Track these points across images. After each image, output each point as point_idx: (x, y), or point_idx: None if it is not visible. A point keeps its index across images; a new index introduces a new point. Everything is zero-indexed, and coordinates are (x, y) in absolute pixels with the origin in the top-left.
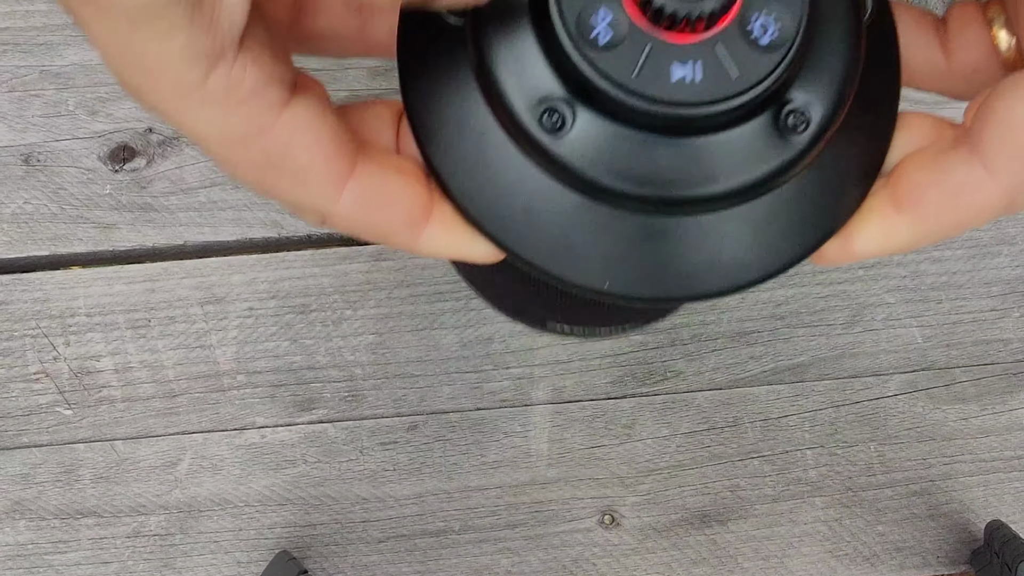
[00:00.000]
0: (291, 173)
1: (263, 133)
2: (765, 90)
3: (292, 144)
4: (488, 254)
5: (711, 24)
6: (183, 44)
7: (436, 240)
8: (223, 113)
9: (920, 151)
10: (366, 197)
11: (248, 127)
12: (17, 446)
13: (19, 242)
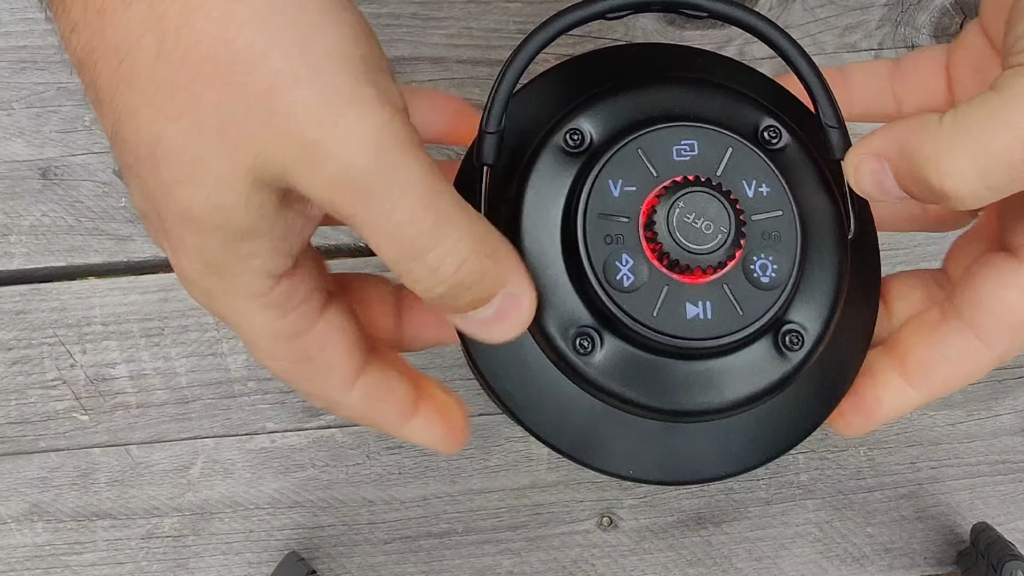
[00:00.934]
0: (320, 368)
1: (305, 334)
2: (767, 323)
3: (326, 344)
4: (453, 446)
5: (719, 268)
6: (264, 262)
7: (418, 432)
8: (278, 317)
9: (918, 320)
10: (371, 393)
11: (295, 328)
12: (35, 450)
13: (37, 253)
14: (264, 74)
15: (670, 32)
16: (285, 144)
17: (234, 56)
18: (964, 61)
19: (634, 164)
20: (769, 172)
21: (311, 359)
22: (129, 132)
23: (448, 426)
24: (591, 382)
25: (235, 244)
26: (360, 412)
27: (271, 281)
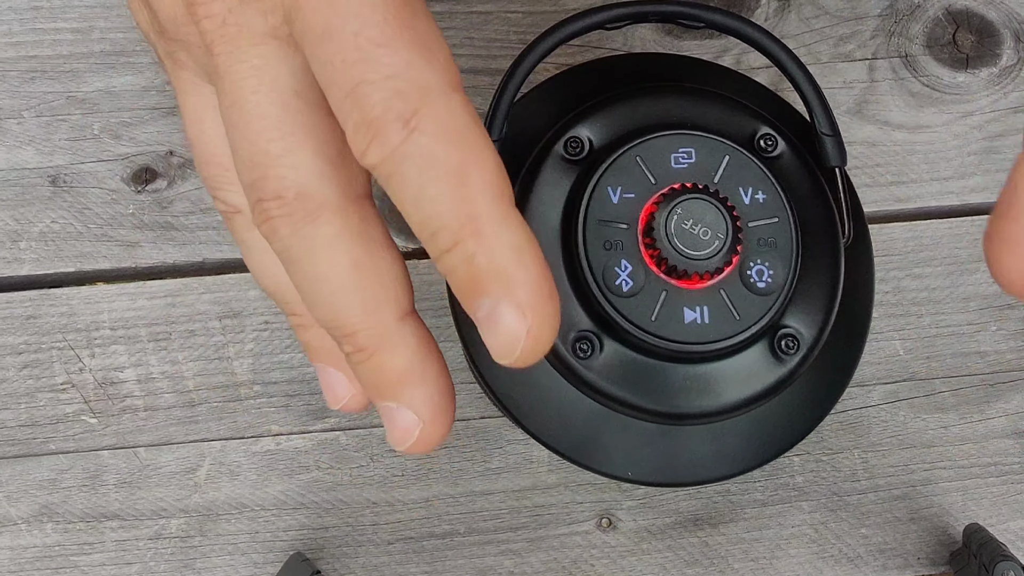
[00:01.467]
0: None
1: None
2: (763, 328)
3: (380, 220)
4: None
5: (716, 274)
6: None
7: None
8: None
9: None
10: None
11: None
12: (45, 452)
13: (47, 259)
14: None
15: (668, 42)
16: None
17: None
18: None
19: (633, 171)
20: (765, 179)
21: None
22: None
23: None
24: (591, 385)
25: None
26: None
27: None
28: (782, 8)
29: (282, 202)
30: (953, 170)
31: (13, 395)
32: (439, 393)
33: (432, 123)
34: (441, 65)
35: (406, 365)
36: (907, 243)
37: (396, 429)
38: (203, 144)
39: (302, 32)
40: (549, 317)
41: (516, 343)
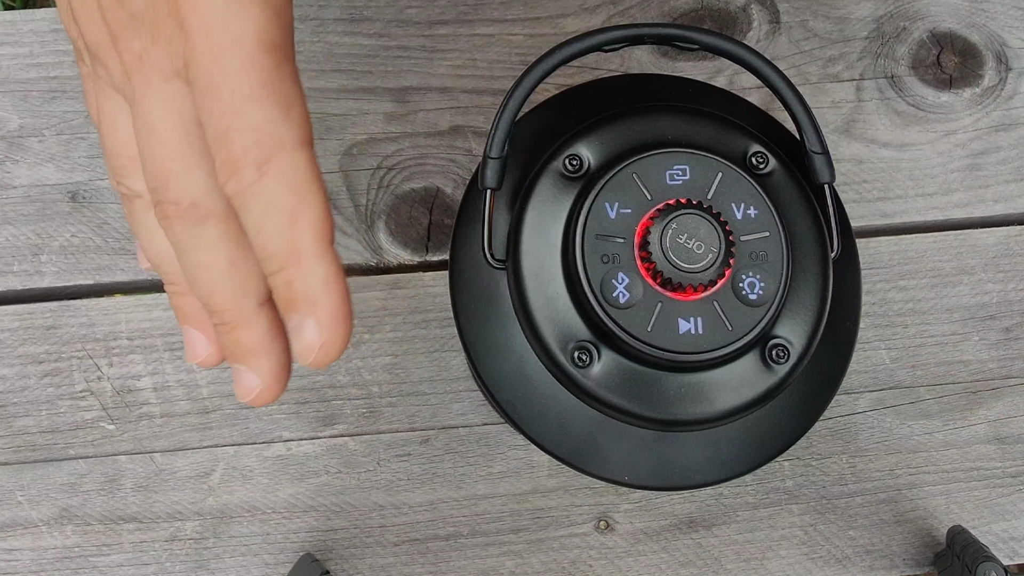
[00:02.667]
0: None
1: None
2: (755, 338)
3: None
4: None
5: (710, 286)
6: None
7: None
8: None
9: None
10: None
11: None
12: (65, 458)
13: (67, 272)
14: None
15: (663, 63)
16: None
17: None
18: None
19: (629, 188)
20: (757, 195)
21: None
22: None
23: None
24: (589, 393)
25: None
26: (303, 171)
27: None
28: (773, 31)
29: (178, 207)
30: (937, 186)
31: (35, 402)
32: (279, 366)
33: (279, 171)
34: (296, 123)
35: (257, 340)
36: (893, 256)
37: (242, 386)
38: (114, 140)
39: (193, 81)
40: (340, 337)
41: (312, 351)
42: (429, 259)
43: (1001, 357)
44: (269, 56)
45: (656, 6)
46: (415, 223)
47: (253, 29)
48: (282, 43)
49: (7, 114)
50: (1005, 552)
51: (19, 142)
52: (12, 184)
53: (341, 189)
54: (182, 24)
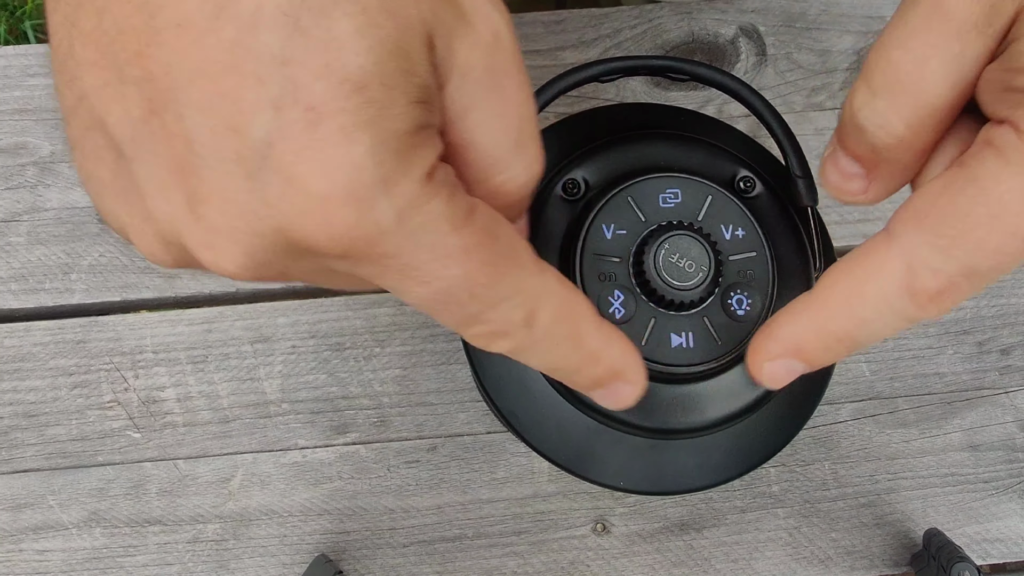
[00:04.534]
0: (507, 246)
1: (476, 208)
2: (743, 352)
3: (496, 216)
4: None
5: (700, 303)
6: (433, 134)
7: (612, 337)
8: (450, 197)
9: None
10: (559, 275)
11: (467, 204)
12: (93, 464)
13: (95, 289)
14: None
15: (656, 93)
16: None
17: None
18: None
19: (625, 210)
20: (745, 217)
21: (497, 236)
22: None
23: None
24: (587, 404)
25: (417, 104)
26: (562, 302)
27: (437, 155)
28: (760, 63)
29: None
30: None
31: (65, 412)
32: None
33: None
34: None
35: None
36: None
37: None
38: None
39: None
40: (643, 383)
41: (625, 402)
42: None
43: (974, 369)
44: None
45: (650, 39)
46: None
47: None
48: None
49: (40, 141)
50: (978, 553)
51: (51, 167)
52: (44, 207)
53: None
54: None
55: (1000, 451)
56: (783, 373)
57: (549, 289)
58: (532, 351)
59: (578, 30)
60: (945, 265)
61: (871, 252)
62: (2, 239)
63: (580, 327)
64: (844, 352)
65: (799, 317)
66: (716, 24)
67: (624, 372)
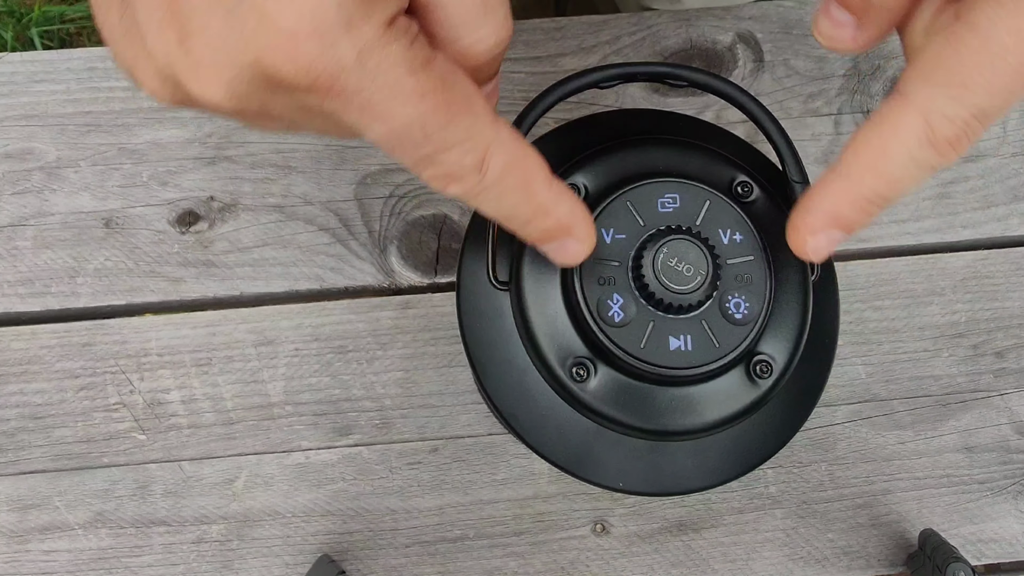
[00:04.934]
0: (463, 96)
1: (434, 58)
2: (740, 354)
3: (453, 67)
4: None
5: (698, 306)
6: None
7: (562, 195)
8: (406, 46)
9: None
10: (513, 131)
11: (424, 54)
12: (99, 466)
13: (101, 293)
14: None
15: (655, 99)
16: None
17: None
18: None
19: (624, 215)
20: (742, 222)
21: (452, 85)
22: None
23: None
24: (586, 406)
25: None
26: (515, 155)
27: (400, 5)
28: (757, 69)
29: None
30: (910, 213)
31: (71, 414)
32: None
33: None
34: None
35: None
36: (868, 279)
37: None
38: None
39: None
40: (591, 239)
41: (574, 257)
42: (438, 281)
43: (969, 372)
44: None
45: (648, 46)
46: (425, 247)
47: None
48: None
49: (46, 146)
50: (973, 553)
51: (57, 172)
52: (51, 211)
53: (356, 216)
54: None
55: (995, 452)
56: (825, 243)
57: (501, 140)
58: (483, 197)
59: (578, 37)
60: (959, 111)
61: (888, 115)
62: (9, 243)
63: (530, 179)
64: (877, 211)
65: (832, 188)
66: (714, 31)
67: (572, 228)
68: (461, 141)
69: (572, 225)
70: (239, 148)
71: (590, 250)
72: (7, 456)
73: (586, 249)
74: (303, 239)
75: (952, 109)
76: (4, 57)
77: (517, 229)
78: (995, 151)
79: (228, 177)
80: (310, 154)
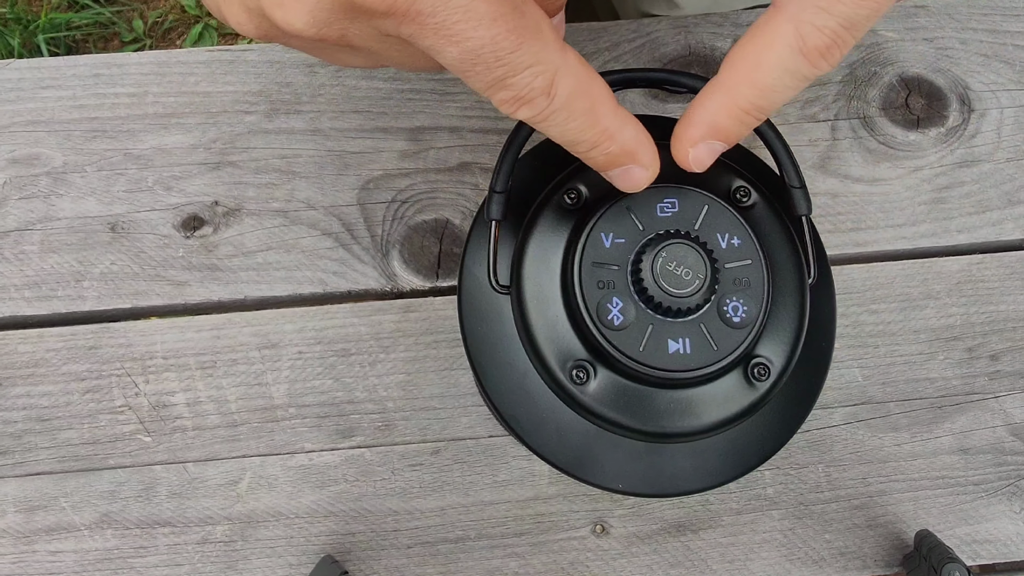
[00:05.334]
0: (533, 21)
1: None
2: (738, 357)
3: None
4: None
5: (696, 310)
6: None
7: (627, 121)
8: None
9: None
10: (580, 58)
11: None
12: (105, 467)
13: (107, 297)
14: None
15: (654, 105)
16: None
17: None
18: None
19: (623, 219)
20: (740, 226)
21: (524, 11)
22: None
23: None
24: (586, 408)
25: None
26: (582, 79)
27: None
28: None
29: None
30: (905, 218)
31: (77, 416)
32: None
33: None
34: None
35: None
36: (865, 282)
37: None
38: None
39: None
40: (656, 164)
41: (639, 183)
42: (439, 285)
43: (964, 375)
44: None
45: (648, 52)
46: (426, 252)
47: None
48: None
49: (52, 152)
50: (968, 554)
51: (63, 178)
52: (57, 216)
53: (359, 220)
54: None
55: (989, 454)
56: (706, 154)
57: (569, 65)
58: (551, 121)
59: (578, 43)
60: (828, 21)
61: (762, 27)
62: (16, 247)
63: (596, 105)
64: (754, 122)
65: (710, 100)
66: (712, 37)
67: (637, 154)
68: (531, 64)
69: (636, 150)
70: (243, 154)
71: (654, 176)
72: (14, 458)
73: (650, 175)
74: (306, 243)
75: (822, 19)
76: (11, 63)
77: (583, 154)
78: (990, 156)
79: (232, 182)
80: (313, 159)
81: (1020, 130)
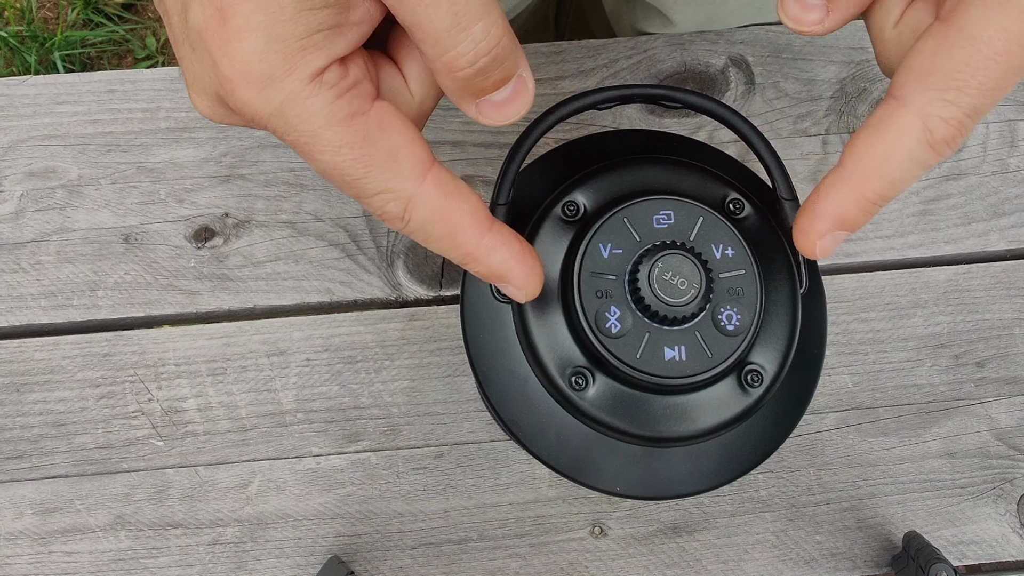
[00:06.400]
0: (387, 152)
1: (363, 114)
2: (732, 364)
3: (386, 125)
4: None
5: (692, 318)
6: (327, 38)
7: (496, 248)
8: (334, 97)
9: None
10: (445, 187)
11: (351, 107)
12: (119, 471)
13: (120, 306)
14: None
15: (651, 120)
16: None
17: None
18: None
19: (621, 231)
20: (734, 237)
21: (375, 141)
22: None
23: (525, 252)
24: (585, 413)
25: (310, 12)
26: (437, 208)
27: (329, 60)
28: (748, 91)
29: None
30: (894, 229)
31: (92, 421)
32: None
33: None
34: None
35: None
36: (855, 292)
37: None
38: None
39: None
40: (537, 281)
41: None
42: (443, 294)
43: (951, 381)
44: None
45: (644, 69)
46: (430, 262)
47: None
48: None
49: (67, 165)
50: (955, 555)
51: (78, 190)
52: (72, 227)
53: (365, 231)
54: None
55: (975, 458)
56: (831, 244)
57: (423, 195)
58: (415, 239)
59: (577, 60)
60: (955, 113)
61: (887, 120)
62: (32, 258)
63: (456, 231)
64: (878, 210)
65: (836, 192)
66: (707, 55)
67: (507, 276)
68: (379, 191)
69: (506, 273)
70: (252, 167)
71: (531, 295)
72: (31, 462)
73: (525, 294)
74: (314, 254)
75: (948, 111)
76: (28, 80)
77: (461, 266)
78: (975, 170)
79: (242, 195)
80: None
81: (1004, 144)
